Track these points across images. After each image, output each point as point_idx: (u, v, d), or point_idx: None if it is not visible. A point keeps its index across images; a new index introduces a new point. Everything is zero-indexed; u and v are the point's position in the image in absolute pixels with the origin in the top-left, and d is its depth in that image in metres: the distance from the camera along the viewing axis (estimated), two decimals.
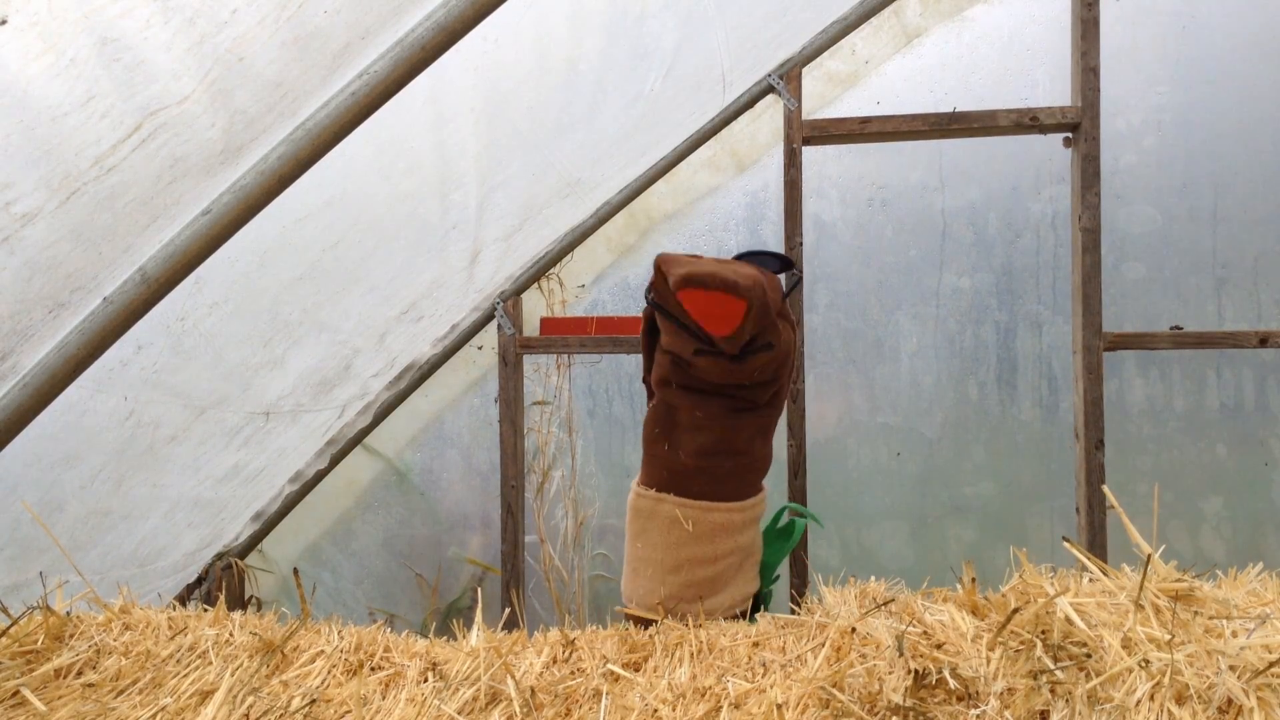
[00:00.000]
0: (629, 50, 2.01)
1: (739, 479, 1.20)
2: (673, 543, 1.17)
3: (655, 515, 1.19)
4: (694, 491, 1.17)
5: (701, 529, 1.16)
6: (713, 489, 1.18)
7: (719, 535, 1.17)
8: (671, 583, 1.15)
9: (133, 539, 2.07)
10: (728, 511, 1.18)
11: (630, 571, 1.23)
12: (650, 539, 1.19)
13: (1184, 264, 2.61)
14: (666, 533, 1.17)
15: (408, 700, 0.98)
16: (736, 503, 1.19)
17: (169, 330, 1.68)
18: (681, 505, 1.17)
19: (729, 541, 1.18)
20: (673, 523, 1.17)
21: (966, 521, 2.72)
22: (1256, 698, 0.76)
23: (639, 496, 1.22)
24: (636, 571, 1.21)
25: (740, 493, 1.20)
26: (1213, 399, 2.62)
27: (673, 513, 1.17)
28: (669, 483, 1.18)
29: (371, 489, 2.91)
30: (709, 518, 1.17)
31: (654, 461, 1.20)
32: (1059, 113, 2.29)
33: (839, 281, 2.75)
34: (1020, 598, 0.97)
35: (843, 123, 2.40)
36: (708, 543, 1.17)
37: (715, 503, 1.18)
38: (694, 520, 1.16)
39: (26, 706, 0.98)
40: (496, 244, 2.39)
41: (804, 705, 0.87)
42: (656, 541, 1.18)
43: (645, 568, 1.19)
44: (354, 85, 1.39)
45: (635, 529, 1.22)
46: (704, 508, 1.17)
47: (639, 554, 1.21)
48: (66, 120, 1.13)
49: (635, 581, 1.21)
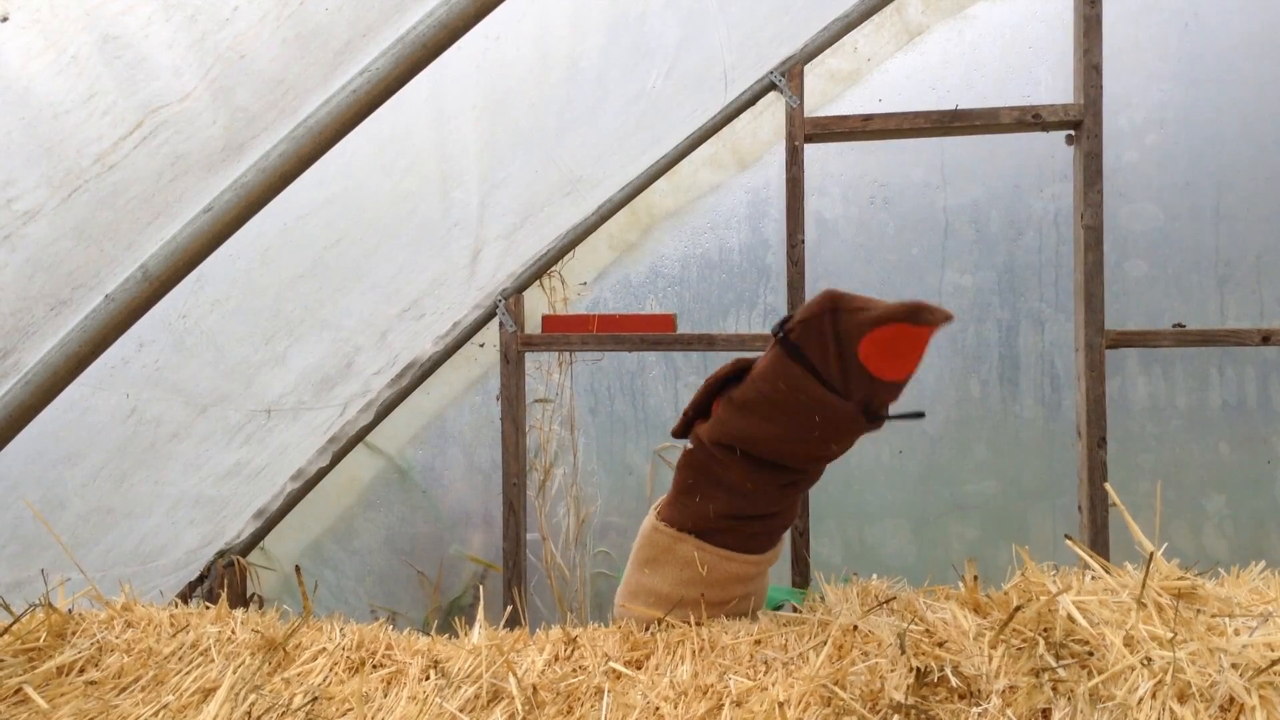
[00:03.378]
0: (630, 48, 2.01)
1: (766, 537, 1.17)
2: (684, 581, 1.14)
3: (671, 552, 1.15)
4: (717, 541, 1.14)
5: (716, 575, 1.13)
6: (736, 544, 1.15)
7: (732, 583, 1.15)
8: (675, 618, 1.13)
9: (134, 536, 2.07)
10: (744, 564, 1.15)
11: (629, 593, 1.19)
12: (661, 572, 1.16)
13: (1186, 261, 2.60)
14: (680, 570, 1.14)
15: (409, 698, 0.98)
16: (756, 555, 1.16)
17: (171, 328, 1.68)
18: (700, 549, 1.13)
19: (740, 589, 1.16)
20: (688, 563, 1.14)
21: (968, 519, 2.72)
22: (1259, 696, 0.76)
23: (657, 530, 1.17)
24: (635, 595, 1.17)
25: (762, 547, 1.17)
26: (1215, 397, 2.61)
27: (690, 554, 1.13)
28: (693, 529, 1.15)
29: (373, 486, 2.91)
30: (726, 566, 1.14)
31: (682, 508, 1.16)
32: (1061, 110, 2.29)
33: (841, 279, 2.75)
34: (1022, 596, 0.97)
35: (845, 120, 2.39)
36: (719, 588, 1.14)
37: (735, 553, 1.15)
38: (710, 566, 1.13)
39: (29, 704, 0.98)
40: (498, 241, 2.39)
41: (806, 703, 0.87)
42: (667, 576, 1.15)
43: (648, 596, 1.16)
44: (355, 83, 1.39)
45: (645, 557, 1.18)
46: (723, 556, 1.13)
47: (643, 580, 1.17)
48: (68, 118, 1.13)
49: (633, 603, 1.18)
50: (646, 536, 1.19)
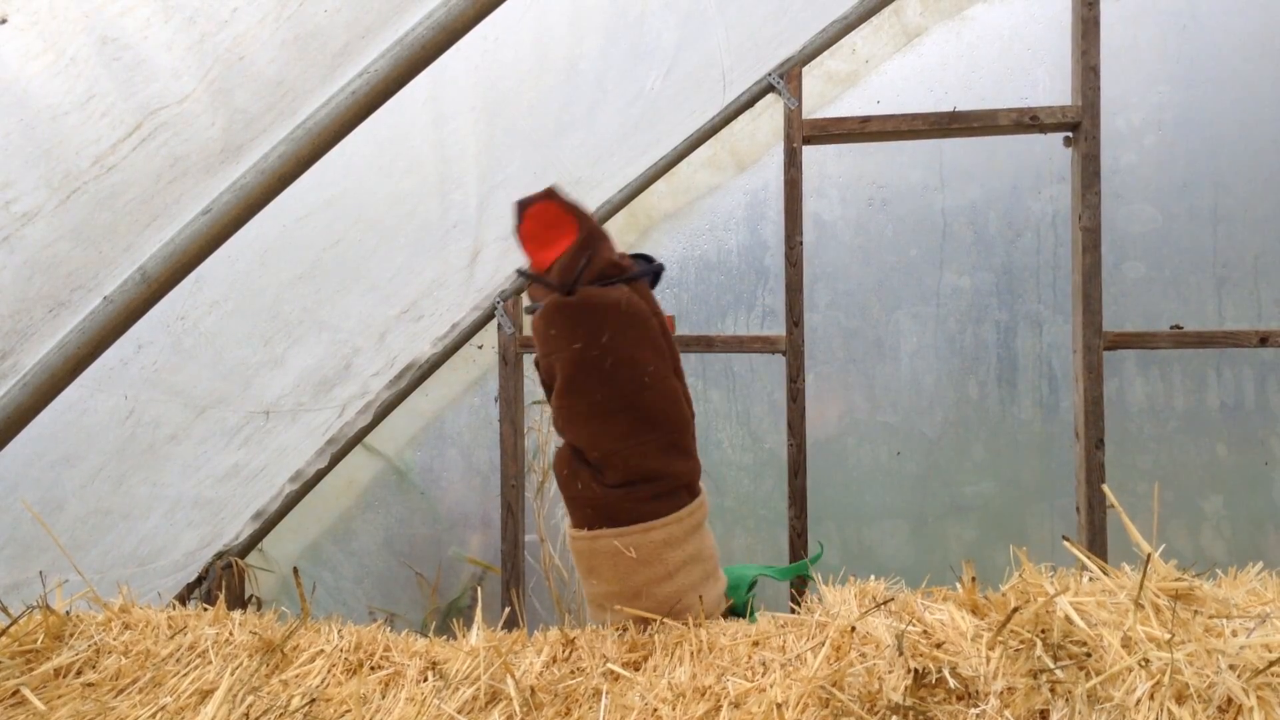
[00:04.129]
0: (629, 49, 2.01)
1: (668, 498, 1.16)
2: (622, 573, 1.13)
3: (596, 553, 1.14)
4: (625, 519, 1.13)
5: (645, 551, 1.13)
6: (642, 512, 1.14)
7: (666, 550, 1.13)
8: (638, 607, 1.13)
9: (133, 538, 2.07)
10: (666, 525, 1.14)
11: (595, 608, 1.19)
12: (600, 574, 1.15)
13: (1184, 263, 2.61)
14: (614, 565, 1.13)
15: (407, 699, 0.98)
16: (673, 514, 1.16)
17: (169, 329, 1.68)
18: (619, 535, 1.12)
19: (678, 553, 1.15)
20: (615, 554, 1.13)
21: (966, 520, 2.72)
22: (1256, 697, 0.76)
23: (574, 539, 1.17)
24: (602, 607, 1.17)
25: (675, 506, 1.16)
26: (1213, 398, 2.62)
27: (611, 545, 1.12)
28: (597, 519, 1.14)
29: (371, 488, 2.91)
30: (649, 538, 1.13)
31: (575, 503, 1.16)
32: (1059, 112, 2.29)
33: (839, 281, 2.75)
34: (1020, 597, 0.97)
35: (843, 122, 2.39)
36: (658, 562, 1.13)
37: (651, 521, 1.14)
38: (635, 545, 1.12)
39: (26, 706, 0.98)
40: (497, 243, 2.39)
41: (804, 704, 0.87)
42: (607, 575, 1.14)
43: (608, 601, 1.16)
44: (354, 84, 1.39)
45: (583, 569, 1.18)
46: (642, 529, 1.13)
47: (595, 591, 1.17)
48: (67, 119, 1.13)
49: (602, 616, 1.18)
50: (573, 553, 1.19)
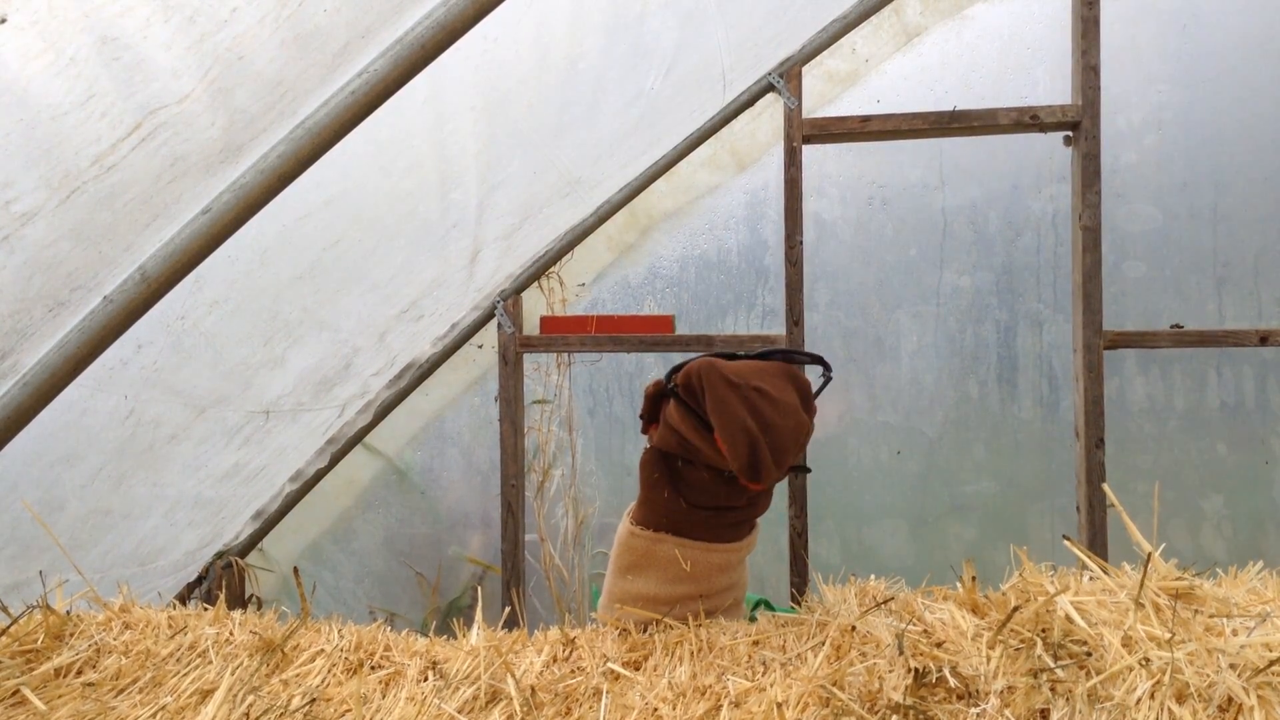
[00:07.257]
0: (629, 49, 2.01)
1: (739, 527, 1.17)
2: (669, 579, 1.14)
3: (652, 555, 1.14)
4: (694, 535, 1.13)
5: (699, 569, 1.13)
6: (714, 535, 1.15)
7: (715, 574, 1.15)
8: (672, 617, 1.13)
9: (133, 538, 2.07)
10: (726, 552, 1.15)
11: (608, 601, 1.19)
12: (645, 576, 1.15)
13: (1184, 262, 2.61)
14: (663, 570, 1.13)
15: (408, 699, 0.98)
16: (734, 543, 1.16)
17: (169, 329, 1.68)
18: (681, 545, 1.12)
19: (724, 579, 1.16)
20: (671, 562, 1.13)
21: (967, 520, 2.72)
22: (1257, 696, 0.76)
23: (634, 535, 1.16)
24: (624, 604, 1.17)
25: (739, 536, 1.17)
26: (1213, 397, 2.61)
27: (671, 553, 1.12)
28: (668, 526, 1.15)
29: (372, 488, 2.91)
30: (709, 558, 1.13)
31: (653, 505, 1.14)
32: (1059, 111, 2.29)
33: (839, 280, 2.75)
34: (1020, 596, 0.97)
35: (843, 121, 2.39)
36: (704, 580, 1.13)
37: (715, 544, 1.15)
38: (693, 560, 1.13)
39: (26, 706, 0.98)
40: (497, 243, 2.39)
41: (804, 704, 0.87)
42: (652, 578, 1.14)
43: (636, 602, 1.15)
44: (354, 84, 1.39)
45: (626, 563, 1.16)
46: (704, 548, 1.13)
47: (628, 588, 1.15)
48: (66, 119, 1.13)
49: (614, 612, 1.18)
50: (624, 543, 1.18)
